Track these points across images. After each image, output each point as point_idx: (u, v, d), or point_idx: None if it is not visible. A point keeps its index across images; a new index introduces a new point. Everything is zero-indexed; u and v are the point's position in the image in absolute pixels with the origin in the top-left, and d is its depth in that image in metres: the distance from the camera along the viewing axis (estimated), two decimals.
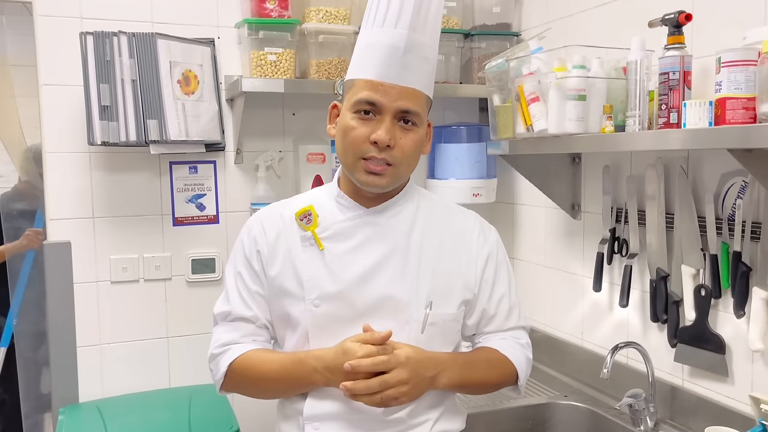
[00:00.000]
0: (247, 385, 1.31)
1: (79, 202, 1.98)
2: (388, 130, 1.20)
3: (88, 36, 1.86)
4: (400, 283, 1.27)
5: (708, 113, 1.29)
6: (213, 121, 2.06)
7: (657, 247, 1.67)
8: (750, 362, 1.48)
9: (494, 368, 1.33)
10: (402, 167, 1.25)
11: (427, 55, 1.25)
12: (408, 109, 1.21)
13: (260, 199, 2.09)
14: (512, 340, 1.38)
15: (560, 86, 1.59)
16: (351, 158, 1.24)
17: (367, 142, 1.21)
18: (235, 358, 1.28)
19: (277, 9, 1.98)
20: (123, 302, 2.05)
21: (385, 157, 1.21)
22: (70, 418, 1.85)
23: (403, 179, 1.30)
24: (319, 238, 1.28)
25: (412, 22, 1.21)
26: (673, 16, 1.42)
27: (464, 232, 1.36)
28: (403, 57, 1.20)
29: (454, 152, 2.20)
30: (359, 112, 1.22)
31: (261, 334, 1.33)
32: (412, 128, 1.23)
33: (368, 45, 1.24)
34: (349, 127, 1.23)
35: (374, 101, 1.21)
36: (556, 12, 2.06)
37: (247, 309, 1.31)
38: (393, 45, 1.20)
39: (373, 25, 1.24)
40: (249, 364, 1.28)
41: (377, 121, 1.21)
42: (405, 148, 1.23)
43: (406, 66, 1.21)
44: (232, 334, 1.32)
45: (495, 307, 1.36)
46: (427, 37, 1.24)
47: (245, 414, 1.91)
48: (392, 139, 1.21)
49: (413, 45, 1.21)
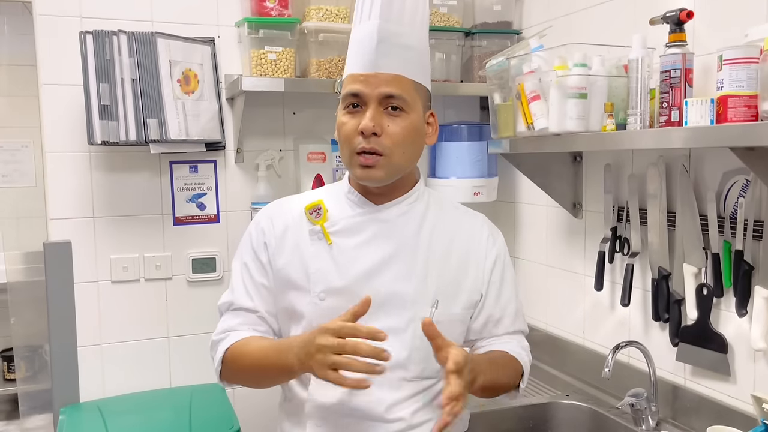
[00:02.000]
0: (240, 373, 1.31)
1: (80, 202, 1.98)
2: (372, 117, 1.21)
3: (88, 35, 1.85)
4: (406, 280, 1.27)
5: (709, 111, 1.29)
6: (213, 120, 2.05)
7: (659, 246, 1.66)
8: (752, 361, 1.48)
9: (511, 370, 1.34)
10: (395, 155, 1.24)
11: (410, 43, 1.26)
12: (391, 94, 1.22)
13: (261, 199, 2.09)
14: (516, 343, 1.39)
15: (561, 84, 1.59)
16: (347, 154, 1.26)
17: (357, 134, 1.22)
18: (231, 344, 1.29)
19: (277, 8, 1.98)
20: (123, 302, 2.04)
21: (374, 146, 1.21)
22: (71, 418, 1.85)
23: (402, 170, 1.29)
24: (327, 232, 1.29)
25: (383, 13, 1.23)
26: (674, 13, 1.42)
27: (473, 233, 1.36)
28: (378, 46, 1.22)
29: (455, 151, 2.19)
30: (348, 106, 1.25)
31: (261, 324, 1.34)
32: (400, 114, 1.23)
33: (353, 41, 1.28)
34: (340, 123, 1.26)
35: (356, 92, 1.22)
36: (556, 10, 2.05)
37: (249, 299, 1.33)
38: (367, 36, 1.23)
39: (358, 20, 1.28)
40: (241, 351, 1.28)
41: (363, 113, 1.23)
42: (394, 134, 1.22)
43: (384, 54, 1.22)
44: (232, 321, 1.34)
45: (502, 310, 1.37)
46: (406, 26, 1.25)
47: (246, 413, 1.91)
48: (377, 126, 1.21)
49: (388, 34, 1.23)
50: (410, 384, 1.26)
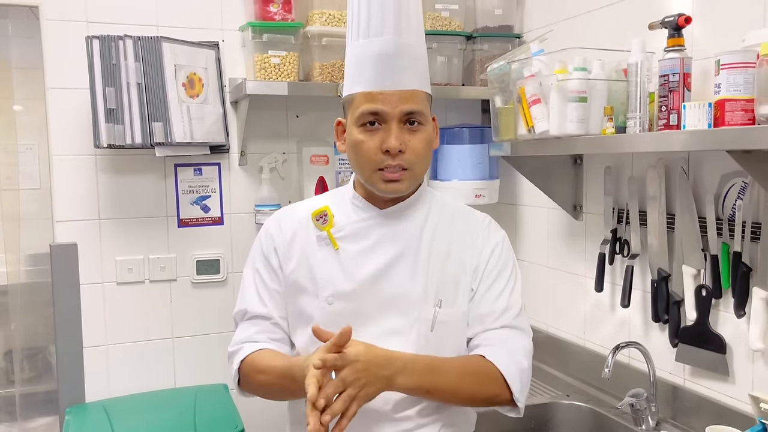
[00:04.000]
0: (256, 390, 1.32)
1: (86, 204, 2.00)
2: (397, 137, 1.22)
3: (94, 40, 1.88)
4: (411, 282, 1.28)
5: (707, 115, 1.30)
6: (217, 123, 2.07)
7: (658, 248, 1.68)
8: (750, 362, 1.49)
9: (470, 375, 1.24)
10: (417, 167, 1.27)
11: (418, 54, 1.27)
12: (412, 110, 1.23)
13: (264, 201, 2.11)
14: (501, 346, 1.28)
15: (561, 88, 1.60)
16: (367, 171, 1.26)
17: (380, 152, 1.23)
18: (244, 357, 1.30)
19: (281, 12, 2.00)
20: (129, 303, 2.06)
21: (400, 162, 1.23)
22: (77, 418, 1.87)
23: (421, 179, 1.33)
24: (334, 237, 1.31)
25: (396, 27, 1.22)
26: (672, 18, 1.43)
27: (472, 230, 1.36)
28: (395, 62, 1.22)
29: (456, 153, 2.21)
30: (365, 125, 1.24)
31: (276, 331, 1.35)
32: (419, 128, 1.25)
33: (359, 57, 1.26)
34: (358, 142, 1.24)
35: (377, 111, 1.22)
36: (557, 14, 2.07)
37: (262, 306, 1.34)
38: (383, 52, 1.22)
39: (358, 37, 1.26)
40: (252, 368, 1.29)
41: (384, 130, 1.23)
42: (416, 149, 1.24)
43: (400, 70, 1.22)
44: (248, 330, 1.34)
45: (491, 304, 1.30)
46: (413, 37, 1.26)
47: (250, 414, 1.93)
48: (402, 144, 1.22)
49: (402, 48, 1.23)
50: None
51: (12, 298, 3.19)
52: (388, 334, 1.26)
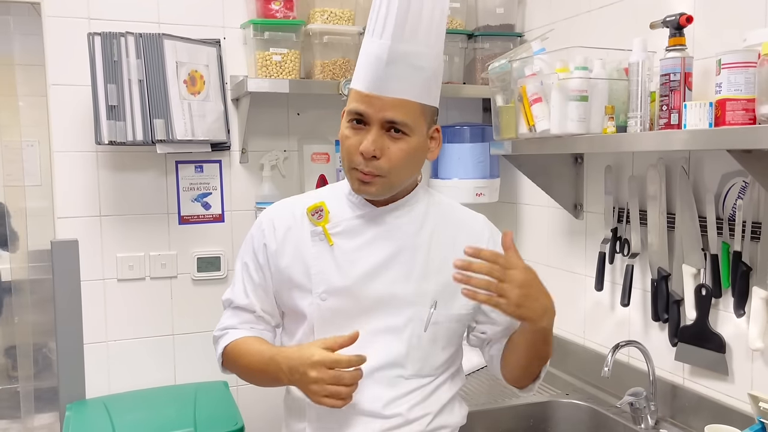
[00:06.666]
0: (237, 372, 1.39)
1: (87, 201, 2.01)
2: (374, 141, 1.21)
3: (96, 36, 1.88)
4: (405, 282, 1.29)
5: (708, 114, 1.31)
6: (218, 120, 2.08)
7: (658, 247, 1.68)
8: (750, 361, 1.50)
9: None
10: (392, 176, 1.24)
11: (421, 63, 1.22)
12: (393, 120, 1.21)
13: (265, 198, 2.11)
14: None
15: (562, 87, 1.60)
16: (345, 167, 1.28)
17: (357, 152, 1.23)
18: (228, 343, 1.36)
19: (283, 10, 2.00)
20: (129, 300, 2.07)
21: (371, 170, 1.22)
22: (78, 414, 1.87)
23: (399, 187, 1.29)
24: (329, 233, 1.31)
25: (396, 33, 1.19)
26: (674, 18, 1.43)
27: (473, 235, 1.36)
28: (387, 68, 1.20)
29: (457, 152, 2.21)
30: (352, 121, 1.25)
31: (258, 323, 1.39)
32: (401, 137, 1.22)
33: (364, 54, 1.25)
34: (343, 136, 1.26)
35: (361, 112, 1.22)
36: (559, 13, 2.07)
37: (245, 298, 1.38)
38: (377, 56, 1.21)
39: (370, 34, 1.25)
40: (236, 353, 1.35)
41: (366, 131, 1.22)
42: (393, 157, 1.22)
43: (391, 77, 1.20)
44: (231, 320, 1.40)
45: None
46: (421, 47, 1.22)
47: (250, 410, 1.94)
48: (378, 150, 1.21)
49: (400, 55, 1.20)
50: (408, 381, 1.29)
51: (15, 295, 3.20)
52: (381, 332, 1.27)
